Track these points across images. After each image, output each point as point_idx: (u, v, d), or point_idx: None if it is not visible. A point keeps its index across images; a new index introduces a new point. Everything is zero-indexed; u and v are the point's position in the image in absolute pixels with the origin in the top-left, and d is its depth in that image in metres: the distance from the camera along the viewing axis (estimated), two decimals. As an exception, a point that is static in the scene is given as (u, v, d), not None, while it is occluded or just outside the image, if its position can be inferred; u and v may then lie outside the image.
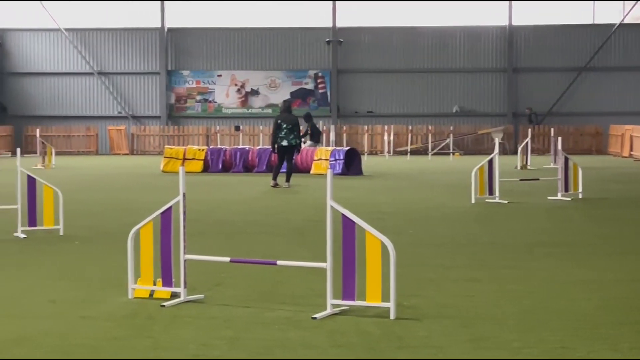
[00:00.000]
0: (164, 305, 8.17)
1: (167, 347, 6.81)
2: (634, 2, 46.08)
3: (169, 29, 47.42)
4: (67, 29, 47.09)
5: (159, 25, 47.24)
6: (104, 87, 47.71)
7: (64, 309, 8.18)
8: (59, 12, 46.94)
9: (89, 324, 7.58)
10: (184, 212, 8.32)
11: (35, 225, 13.29)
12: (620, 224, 15.05)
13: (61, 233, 13.27)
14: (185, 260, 8.39)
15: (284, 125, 22.58)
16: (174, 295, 8.45)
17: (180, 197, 8.31)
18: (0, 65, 47.70)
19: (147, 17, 47.34)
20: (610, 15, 46.65)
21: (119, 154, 46.16)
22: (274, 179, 22.70)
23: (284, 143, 22.62)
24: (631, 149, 39.50)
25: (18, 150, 14.11)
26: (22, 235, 13.07)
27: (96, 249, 12.03)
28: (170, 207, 8.44)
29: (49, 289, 9.10)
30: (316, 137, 30.02)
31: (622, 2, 46.43)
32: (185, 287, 8.38)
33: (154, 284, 8.56)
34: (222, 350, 6.72)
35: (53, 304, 8.37)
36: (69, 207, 14.63)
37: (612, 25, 46.43)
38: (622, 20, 46.36)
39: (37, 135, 38.49)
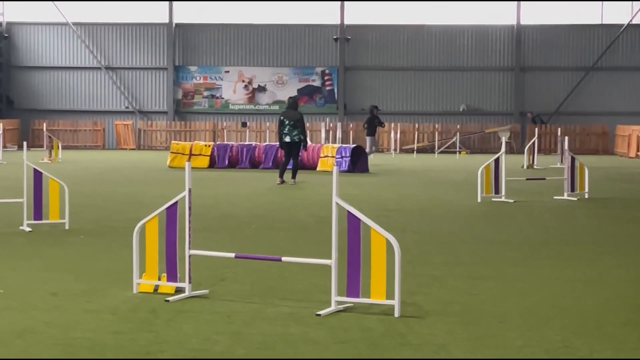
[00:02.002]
0: (168, 300, 8.18)
1: (169, 341, 6.82)
2: (642, 3, 46.03)
3: (177, 25, 47.43)
4: (75, 23, 47.12)
5: (167, 21, 47.24)
6: (111, 82, 47.74)
7: (67, 302, 8.20)
8: (67, 6, 46.97)
9: (91, 317, 7.59)
10: (190, 208, 8.32)
11: (41, 219, 13.31)
12: (625, 224, 15.03)
13: (67, 227, 13.30)
14: (190, 256, 8.40)
15: (287, 122, 22.61)
16: (179, 290, 8.46)
17: (186, 193, 8.31)
18: (7, 59, 47.78)
19: (155, 12, 47.36)
20: (618, 15, 46.53)
21: (125, 148, 46.20)
22: (281, 176, 22.70)
23: (287, 139, 22.64)
24: (638, 150, 39.41)
25: (25, 144, 14.13)
26: (28, 229, 13.09)
27: (101, 243, 12.04)
28: (176, 203, 8.45)
29: (53, 282, 9.11)
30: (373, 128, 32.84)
31: (631, 2, 46.29)
32: (189, 282, 8.38)
33: (159, 279, 8.57)
34: (224, 344, 6.73)
35: (56, 297, 8.39)
36: (74, 201, 14.64)
37: (620, 25, 46.32)
38: (631, 20, 46.23)
39: (44, 129, 38.52)
